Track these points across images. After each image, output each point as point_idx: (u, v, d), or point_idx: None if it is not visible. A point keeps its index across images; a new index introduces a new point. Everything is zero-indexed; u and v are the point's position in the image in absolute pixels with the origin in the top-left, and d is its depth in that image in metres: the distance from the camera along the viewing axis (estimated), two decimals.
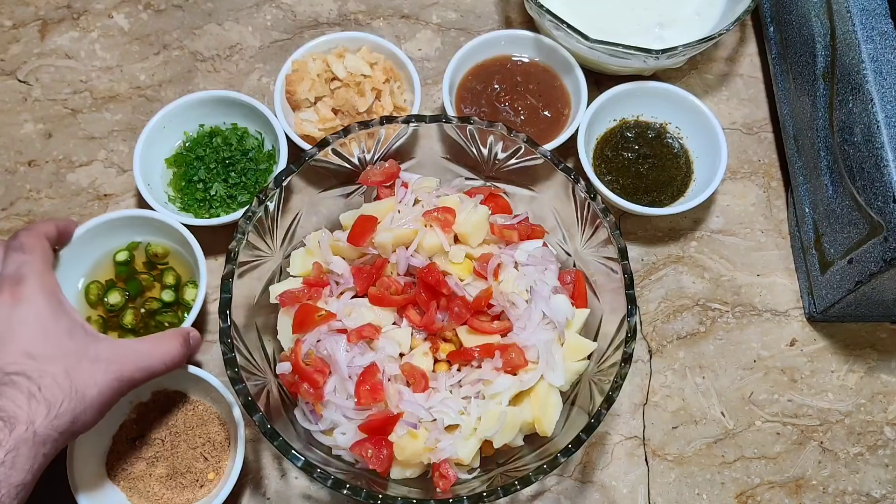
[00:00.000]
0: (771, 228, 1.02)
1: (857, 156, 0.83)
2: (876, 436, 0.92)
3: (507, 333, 0.79)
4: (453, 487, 0.76)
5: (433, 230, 0.81)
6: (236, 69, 1.09)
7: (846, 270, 0.86)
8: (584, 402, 0.78)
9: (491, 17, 1.13)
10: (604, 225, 0.80)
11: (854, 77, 0.84)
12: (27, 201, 1.00)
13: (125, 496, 0.83)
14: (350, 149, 0.84)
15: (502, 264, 0.81)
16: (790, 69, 1.00)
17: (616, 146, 1.01)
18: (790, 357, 0.95)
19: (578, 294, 0.84)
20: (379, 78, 0.99)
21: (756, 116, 1.08)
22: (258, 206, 0.79)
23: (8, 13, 1.11)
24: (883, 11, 0.85)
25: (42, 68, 1.08)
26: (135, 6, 1.12)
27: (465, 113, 1.01)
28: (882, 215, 0.79)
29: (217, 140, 0.99)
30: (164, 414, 0.86)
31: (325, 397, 0.76)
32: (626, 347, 0.75)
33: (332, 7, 1.13)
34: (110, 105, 1.06)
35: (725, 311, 0.97)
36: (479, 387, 0.77)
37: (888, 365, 0.95)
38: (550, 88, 1.03)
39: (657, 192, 0.99)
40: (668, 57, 0.95)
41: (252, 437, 0.88)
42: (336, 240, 0.83)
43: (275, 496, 0.87)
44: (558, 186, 0.84)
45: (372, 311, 0.79)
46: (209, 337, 0.94)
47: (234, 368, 0.73)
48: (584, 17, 1.03)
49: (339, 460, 0.78)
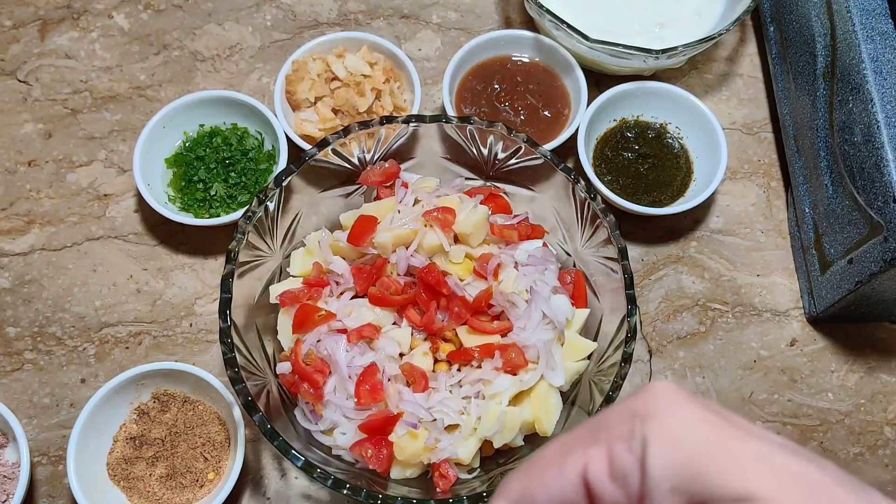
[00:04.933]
0: (771, 228, 1.02)
1: (857, 156, 0.83)
2: (876, 436, 0.92)
3: (507, 333, 0.79)
4: (453, 487, 0.76)
5: (433, 230, 0.81)
6: (236, 69, 1.09)
7: (846, 270, 0.86)
8: (584, 402, 0.78)
9: (491, 17, 1.13)
10: (604, 225, 0.80)
11: (854, 77, 0.84)
12: (27, 201, 1.00)
13: (125, 496, 0.83)
14: (350, 149, 0.84)
15: (502, 264, 0.81)
16: (790, 69, 1.00)
17: (616, 146, 1.01)
18: (790, 357, 0.95)
19: (578, 294, 0.84)
20: (379, 78, 0.99)
21: (756, 116, 1.08)
22: (258, 206, 0.79)
23: (8, 13, 1.11)
24: (883, 11, 0.84)
25: (42, 68, 1.08)
26: (135, 6, 1.12)
27: (465, 113, 1.01)
28: (882, 215, 0.79)
29: (217, 140, 0.99)
30: (164, 414, 0.86)
31: (325, 397, 0.76)
32: (626, 347, 0.75)
33: (332, 7, 1.13)
34: (110, 105, 1.06)
35: (725, 311, 0.97)
36: (479, 387, 0.77)
37: (888, 365, 0.95)
38: (550, 88, 1.03)
39: (657, 192, 0.99)
40: (668, 57, 0.95)
41: (252, 437, 0.88)
42: (336, 240, 0.83)
43: (275, 496, 0.87)
44: (558, 186, 0.84)
45: (372, 311, 0.79)
46: (209, 337, 0.94)
47: (234, 368, 0.73)
48: (584, 17, 1.03)
49: (339, 460, 0.78)
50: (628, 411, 0.34)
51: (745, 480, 0.30)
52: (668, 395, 0.33)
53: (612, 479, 0.33)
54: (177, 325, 0.94)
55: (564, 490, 0.33)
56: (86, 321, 0.94)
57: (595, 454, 0.33)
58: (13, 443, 0.83)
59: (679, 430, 0.32)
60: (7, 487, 0.82)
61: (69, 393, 0.91)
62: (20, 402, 0.90)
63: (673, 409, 0.33)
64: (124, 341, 0.93)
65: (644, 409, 0.33)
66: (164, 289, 0.96)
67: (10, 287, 0.95)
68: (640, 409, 0.33)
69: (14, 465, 0.83)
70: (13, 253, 0.97)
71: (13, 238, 0.98)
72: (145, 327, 0.94)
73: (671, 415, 0.32)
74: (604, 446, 0.33)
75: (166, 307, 0.95)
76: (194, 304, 0.95)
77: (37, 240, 0.98)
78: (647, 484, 0.32)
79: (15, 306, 0.94)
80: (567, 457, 0.34)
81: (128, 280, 0.96)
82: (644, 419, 0.33)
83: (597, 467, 0.33)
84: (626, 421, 0.33)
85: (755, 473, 0.31)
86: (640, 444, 0.32)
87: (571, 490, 0.33)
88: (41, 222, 0.99)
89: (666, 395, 0.33)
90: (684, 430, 0.32)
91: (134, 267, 0.97)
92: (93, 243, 0.98)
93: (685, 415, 0.32)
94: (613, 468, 0.33)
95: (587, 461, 0.33)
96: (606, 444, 0.33)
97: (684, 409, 0.33)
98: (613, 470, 0.33)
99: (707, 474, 0.31)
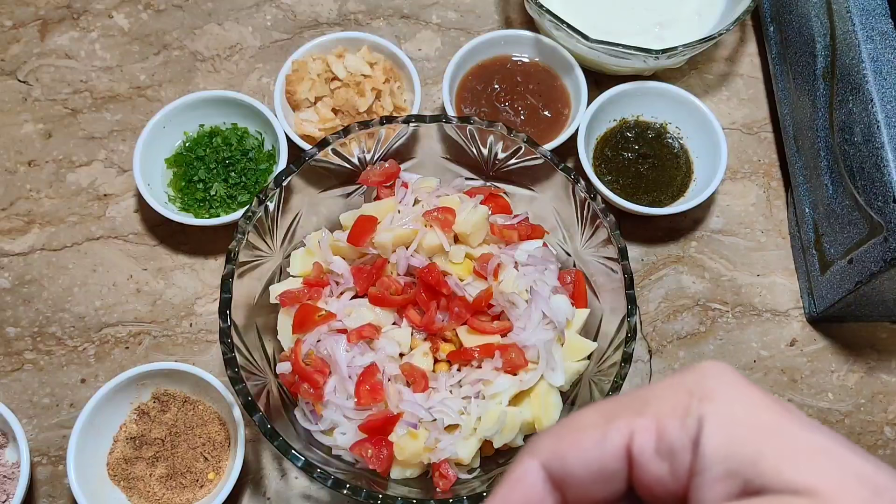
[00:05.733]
0: (771, 228, 1.02)
1: (857, 156, 0.83)
2: (876, 436, 0.92)
3: (507, 333, 0.78)
4: (453, 487, 0.76)
5: (433, 230, 0.81)
6: (236, 69, 1.09)
7: (846, 270, 0.86)
8: (584, 402, 0.78)
9: (491, 17, 1.13)
10: (604, 225, 0.80)
11: (854, 77, 0.84)
12: (27, 201, 1.00)
13: (125, 496, 0.83)
14: (350, 149, 0.84)
15: (502, 264, 0.81)
16: (790, 69, 1.00)
17: (616, 146, 1.01)
18: (790, 357, 0.95)
19: (578, 294, 0.84)
20: (379, 78, 0.99)
21: (756, 116, 1.08)
22: (258, 206, 0.79)
23: (8, 13, 1.11)
24: (883, 11, 0.84)
25: (42, 68, 1.08)
26: (135, 6, 1.12)
27: (465, 113, 1.01)
28: (882, 215, 0.79)
29: (217, 140, 0.99)
30: (164, 414, 0.86)
31: (325, 397, 0.76)
32: (626, 347, 0.74)
33: (332, 7, 1.13)
34: (110, 105, 1.06)
35: (725, 311, 0.97)
36: (479, 387, 0.77)
37: (888, 365, 0.95)
38: (550, 88, 1.03)
39: (657, 192, 0.99)
40: (668, 57, 0.95)
41: (252, 437, 0.88)
42: (336, 240, 0.83)
43: (275, 496, 0.87)
44: (558, 186, 0.84)
45: (372, 311, 0.79)
46: (209, 337, 0.94)
47: (234, 368, 0.73)
48: (584, 17, 1.03)
49: (339, 460, 0.78)
50: (683, 387, 0.32)
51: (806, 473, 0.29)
52: (726, 377, 0.31)
53: (658, 453, 0.31)
54: (177, 325, 0.94)
55: (604, 457, 0.32)
56: (86, 321, 0.94)
57: (643, 424, 0.31)
58: (13, 443, 0.83)
59: (739, 413, 0.30)
60: (7, 487, 0.82)
61: (69, 393, 0.91)
62: (20, 402, 0.90)
63: (734, 391, 0.31)
64: (124, 341, 0.93)
65: (701, 388, 0.31)
66: (164, 289, 0.96)
67: (10, 287, 0.95)
68: (695, 386, 0.31)
69: (14, 465, 0.83)
70: (13, 253, 0.97)
71: (13, 238, 0.98)
72: (145, 327, 0.94)
73: (731, 397, 0.31)
74: (652, 418, 0.31)
75: (166, 307, 0.95)
76: (194, 304, 0.95)
77: (37, 240, 0.98)
78: (699, 463, 0.30)
79: (15, 306, 0.94)
80: (611, 423, 0.32)
81: (128, 280, 0.96)
82: (701, 398, 0.31)
83: (643, 439, 0.31)
84: (681, 396, 0.31)
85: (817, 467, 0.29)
86: (696, 422, 0.30)
87: (612, 458, 0.31)
88: (41, 222, 0.99)
89: (724, 377, 0.31)
90: (745, 413, 0.30)
91: (134, 267, 0.97)
92: (93, 243, 0.98)
93: (746, 399, 0.31)
94: (662, 442, 0.31)
95: (633, 431, 0.31)
96: (655, 416, 0.31)
97: (745, 393, 0.31)
98: (662, 444, 0.31)
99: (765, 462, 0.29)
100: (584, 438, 0.32)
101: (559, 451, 0.32)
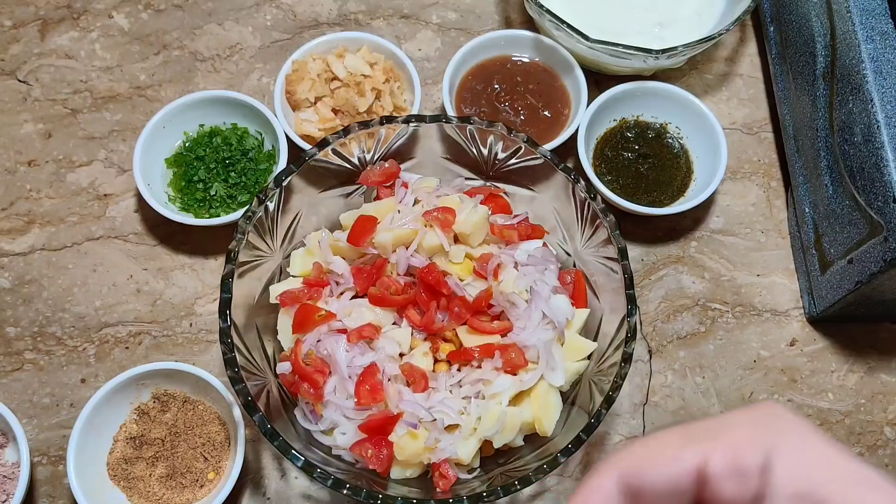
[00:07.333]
0: (771, 228, 1.02)
1: (857, 156, 0.83)
2: (876, 436, 0.92)
3: (507, 333, 0.79)
4: (453, 487, 0.76)
5: (433, 230, 0.81)
6: (236, 69, 1.09)
7: (846, 270, 0.86)
8: (584, 402, 0.78)
9: (491, 17, 1.13)
10: (604, 225, 0.80)
11: (854, 77, 0.84)
12: (27, 201, 1.00)
13: (125, 496, 0.83)
14: (350, 149, 0.84)
15: (502, 264, 0.81)
16: (790, 69, 1.00)
17: (616, 146, 1.01)
18: (790, 357, 0.95)
19: (578, 294, 0.84)
20: (379, 78, 0.99)
21: (756, 116, 1.08)
22: (258, 206, 0.79)
23: (8, 13, 1.11)
24: (883, 11, 0.84)
25: (42, 68, 1.08)
26: (135, 6, 1.12)
27: (465, 113, 1.01)
28: (882, 215, 0.79)
29: (217, 140, 0.99)
30: (164, 414, 0.86)
31: (325, 397, 0.76)
32: (626, 347, 0.75)
33: (332, 7, 1.13)
34: (110, 105, 1.06)
35: (725, 311, 0.97)
36: (479, 387, 0.77)
37: (888, 365, 0.95)
38: (550, 88, 1.03)
39: (657, 192, 0.99)
40: (668, 57, 0.95)
41: (252, 437, 0.88)
42: (336, 240, 0.83)
43: (275, 496, 0.87)
44: (558, 186, 0.84)
45: (372, 311, 0.79)
46: (209, 337, 0.94)
47: (234, 368, 0.73)
48: (584, 17, 1.03)
49: (339, 460, 0.78)
50: (754, 421, 0.37)
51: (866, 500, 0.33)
52: (790, 415, 0.37)
53: (731, 476, 0.35)
54: (177, 325, 0.94)
55: (678, 476, 0.36)
56: (86, 321, 0.94)
57: (719, 448, 0.35)
58: (13, 443, 0.83)
59: (807, 446, 0.35)
60: (7, 487, 0.82)
61: (69, 393, 0.91)
62: (20, 402, 0.90)
63: (801, 428, 0.36)
64: (124, 341, 0.93)
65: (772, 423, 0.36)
66: (164, 289, 0.96)
67: (10, 287, 0.95)
68: (765, 421, 0.36)
69: (14, 465, 0.83)
70: (13, 253, 0.97)
71: (13, 238, 0.98)
72: (145, 327, 0.94)
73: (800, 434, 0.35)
74: (728, 444, 0.35)
75: (166, 307, 0.95)
76: (194, 304, 0.95)
77: (37, 240, 0.98)
78: (769, 485, 0.34)
79: (15, 306, 0.94)
80: (688, 444, 0.36)
81: (128, 280, 0.96)
82: (773, 432, 0.35)
83: (719, 461, 0.35)
84: (755, 428, 0.36)
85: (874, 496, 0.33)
86: (767, 451, 0.35)
87: (685, 477, 0.36)
88: (41, 222, 0.99)
89: (789, 415, 0.37)
90: (811, 447, 0.35)
91: (134, 267, 0.97)
92: (93, 243, 0.98)
93: (812, 436, 0.35)
94: (736, 465, 0.35)
95: (709, 453, 0.35)
96: (731, 443, 0.36)
97: (811, 430, 0.36)
98: (736, 467, 0.35)
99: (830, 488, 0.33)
100: (662, 456, 0.36)
101: (640, 465, 0.36)
